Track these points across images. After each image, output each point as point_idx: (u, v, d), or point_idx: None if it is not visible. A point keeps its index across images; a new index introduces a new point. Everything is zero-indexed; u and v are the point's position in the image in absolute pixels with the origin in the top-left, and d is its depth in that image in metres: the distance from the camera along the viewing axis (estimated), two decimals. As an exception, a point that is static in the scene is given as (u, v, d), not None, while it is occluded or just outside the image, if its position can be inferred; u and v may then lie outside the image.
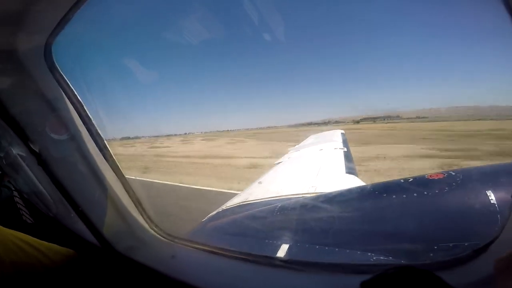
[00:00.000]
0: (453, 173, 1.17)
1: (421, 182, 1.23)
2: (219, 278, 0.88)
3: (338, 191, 1.70)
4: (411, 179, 1.28)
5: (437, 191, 1.11)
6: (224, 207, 2.51)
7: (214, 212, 2.41)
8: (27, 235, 1.01)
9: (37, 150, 1.07)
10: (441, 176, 1.18)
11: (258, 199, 2.48)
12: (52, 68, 1.00)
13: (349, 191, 1.63)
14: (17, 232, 0.99)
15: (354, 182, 2.30)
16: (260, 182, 3.23)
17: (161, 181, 8.80)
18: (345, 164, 2.88)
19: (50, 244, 1.04)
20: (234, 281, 0.84)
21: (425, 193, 1.14)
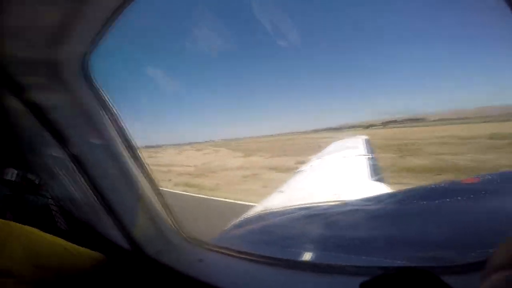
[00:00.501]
0: (490, 177, 1.10)
1: (455, 187, 1.16)
2: (244, 280, 0.89)
3: (365, 198, 1.64)
4: (444, 184, 1.22)
5: (472, 196, 1.05)
6: (246, 216, 2.50)
7: (237, 221, 2.41)
8: (63, 240, 1.07)
9: (74, 158, 1.16)
10: (477, 180, 1.11)
11: (279, 208, 2.45)
12: (88, 79, 1.08)
13: (377, 198, 1.57)
14: (54, 236, 1.05)
15: (380, 189, 2.21)
16: (281, 191, 3.20)
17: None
18: (370, 171, 2.79)
19: (82, 248, 1.10)
20: (259, 283, 0.86)
21: (459, 198, 1.08)
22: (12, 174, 1.93)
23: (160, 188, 1.17)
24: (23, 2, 0.72)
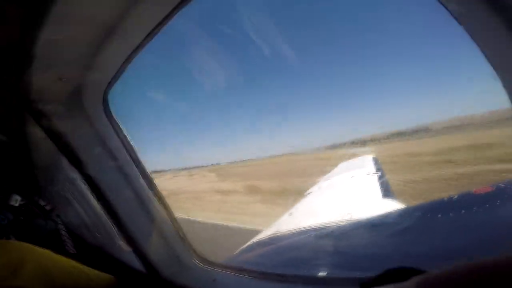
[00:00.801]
0: (503, 185, 1.09)
1: (467, 198, 1.15)
2: None
3: (377, 215, 1.62)
4: (456, 196, 1.21)
5: (487, 206, 1.03)
6: (255, 239, 2.46)
7: (246, 245, 2.36)
8: (76, 262, 1.07)
9: (89, 183, 1.20)
10: (489, 190, 1.10)
11: (289, 230, 2.40)
12: (106, 109, 1.16)
13: (390, 214, 1.55)
14: (67, 258, 1.06)
15: (392, 205, 2.17)
16: (290, 214, 3.15)
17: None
18: (380, 189, 2.75)
19: (94, 270, 1.10)
20: None
21: (474, 208, 1.07)
22: (16, 200, 1.98)
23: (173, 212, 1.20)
24: (53, 32, 0.80)
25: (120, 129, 1.20)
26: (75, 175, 1.37)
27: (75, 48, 0.89)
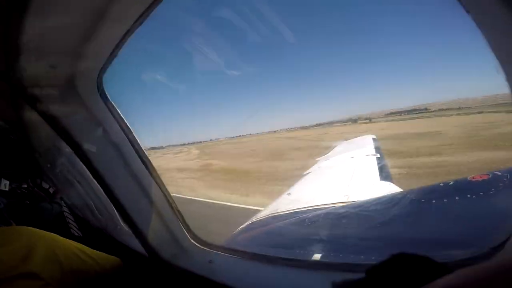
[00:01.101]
0: (499, 173, 1.10)
1: (462, 185, 1.16)
2: (253, 278, 0.93)
3: (373, 198, 1.64)
4: (452, 182, 1.21)
5: (482, 193, 1.04)
6: (254, 219, 2.50)
7: (244, 225, 2.41)
8: (82, 245, 1.11)
9: (89, 167, 1.21)
10: (485, 177, 1.11)
11: (288, 210, 2.44)
12: (101, 92, 1.15)
13: (385, 198, 1.57)
14: (75, 242, 1.10)
15: (389, 188, 2.20)
16: (289, 194, 3.19)
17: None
18: (379, 171, 2.77)
19: (101, 253, 1.14)
20: (265, 281, 0.90)
21: (468, 196, 1.08)
22: (5, 184, 2.02)
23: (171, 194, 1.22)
24: (44, 19, 0.77)
25: (116, 111, 1.19)
26: (74, 158, 1.37)
27: (66, 35, 0.86)
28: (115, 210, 1.18)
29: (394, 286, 0.40)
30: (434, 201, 1.18)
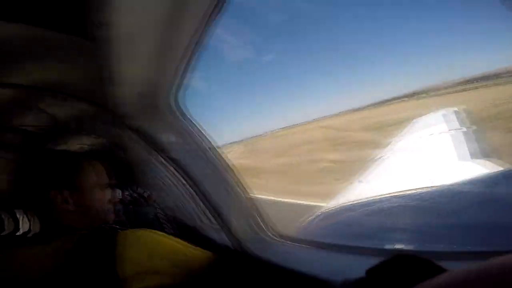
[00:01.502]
0: None
1: None
2: (326, 266, 0.97)
3: (462, 180, 1.43)
4: None
5: None
6: (324, 210, 2.46)
7: (314, 216, 2.39)
8: (183, 242, 1.24)
9: (180, 172, 1.42)
10: None
11: (360, 200, 2.32)
12: (179, 109, 1.32)
13: (482, 177, 1.35)
14: (176, 238, 1.23)
15: (485, 167, 1.86)
16: (360, 181, 3.02)
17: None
18: (467, 148, 2.37)
19: (198, 248, 1.26)
20: (340, 268, 0.93)
21: None
22: (118, 194, 2.44)
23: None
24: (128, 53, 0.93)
25: (191, 121, 1.36)
26: (164, 166, 1.61)
27: (144, 67, 1.03)
28: (201, 208, 1.35)
29: (394, 286, 0.39)
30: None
